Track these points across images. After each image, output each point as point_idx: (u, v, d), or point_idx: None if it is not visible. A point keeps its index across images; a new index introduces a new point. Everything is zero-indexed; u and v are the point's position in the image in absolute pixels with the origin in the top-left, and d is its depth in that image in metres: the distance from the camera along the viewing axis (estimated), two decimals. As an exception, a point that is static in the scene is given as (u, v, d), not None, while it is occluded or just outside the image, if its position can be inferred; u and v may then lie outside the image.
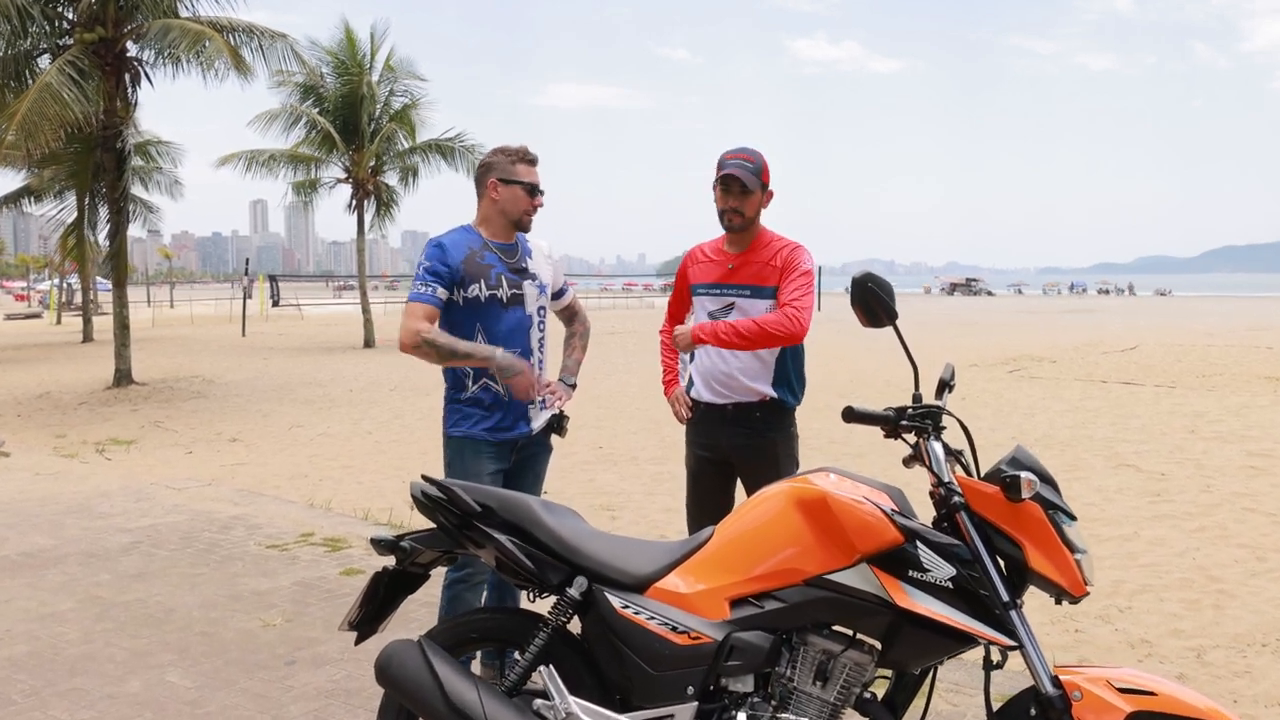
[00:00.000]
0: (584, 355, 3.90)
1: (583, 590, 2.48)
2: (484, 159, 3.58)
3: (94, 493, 7.57)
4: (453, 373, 3.54)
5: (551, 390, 3.63)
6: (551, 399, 3.63)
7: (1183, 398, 13.62)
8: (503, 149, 3.54)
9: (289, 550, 5.88)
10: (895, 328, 2.54)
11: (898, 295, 2.55)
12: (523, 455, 3.59)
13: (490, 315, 3.46)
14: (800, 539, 2.34)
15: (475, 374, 3.47)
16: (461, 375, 3.51)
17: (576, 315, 3.93)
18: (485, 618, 2.71)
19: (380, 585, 2.68)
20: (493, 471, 3.48)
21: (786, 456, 3.65)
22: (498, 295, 3.47)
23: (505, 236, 3.56)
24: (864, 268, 2.48)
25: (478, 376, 3.48)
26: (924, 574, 2.25)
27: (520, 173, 3.51)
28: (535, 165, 3.55)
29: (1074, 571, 2.22)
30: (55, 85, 13.36)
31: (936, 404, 2.44)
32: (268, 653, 4.21)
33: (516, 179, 3.50)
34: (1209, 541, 6.39)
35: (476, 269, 3.46)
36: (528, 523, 2.54)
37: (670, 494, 7.66)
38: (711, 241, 3.80)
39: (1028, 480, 2.19)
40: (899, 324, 2.56)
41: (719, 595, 2.40)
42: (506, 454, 3.53)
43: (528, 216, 3.55)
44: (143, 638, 4.40)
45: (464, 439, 3.48)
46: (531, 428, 3.57)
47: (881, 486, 2.40)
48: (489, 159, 3.55)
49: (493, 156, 3.55)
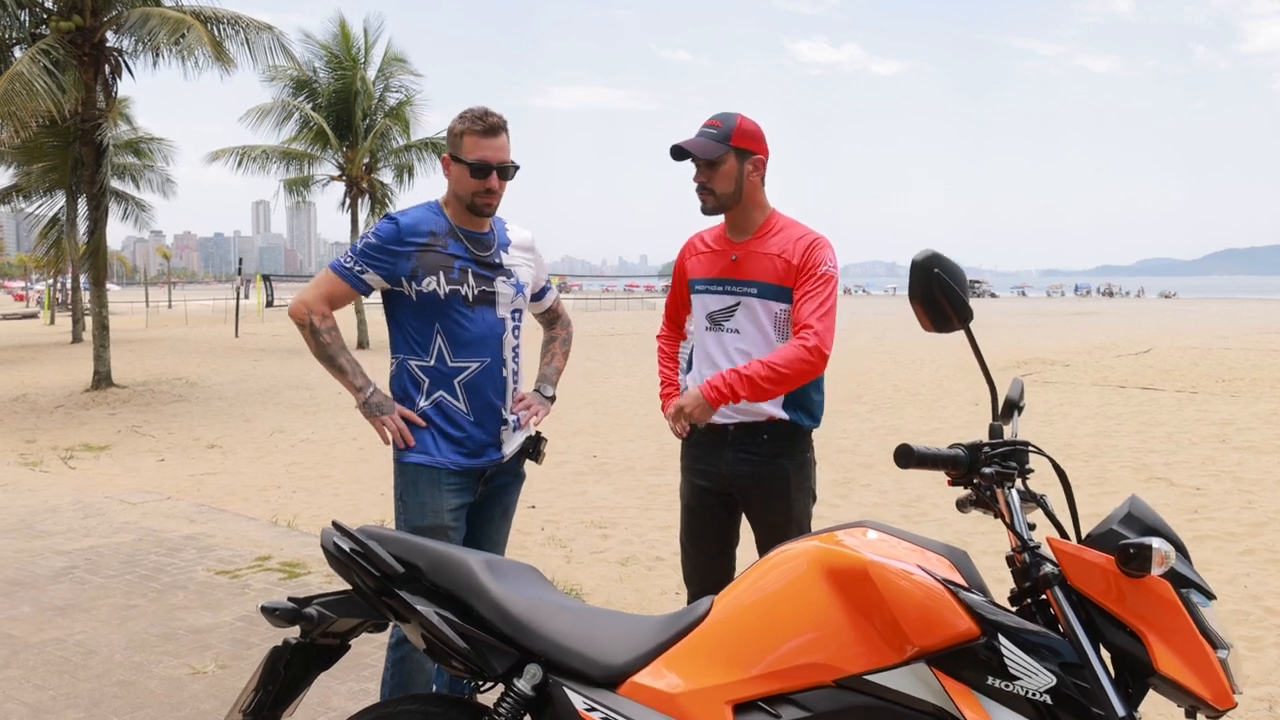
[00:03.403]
0: (565, 363, 3.32)
1: (535, 683, 1.87)
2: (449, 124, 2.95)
3: (41, 507, 6.97)
4: (399, 382, 2.94)
5: (526, 405, 3.04)
6: (526, 416, 3.03)
7: (1206, 403, 13.01)
8: (462, 114, 2.90)
9: (240, 577, 5.27)
10: (968, 332, 1.89)
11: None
12: (490, 486, 2.99)
13: (453, 316, 2.85)
14: (829, 622, 1.72)
15: (432, 380, 2.88)
16: (409, 385, 2.91)
17: (559, 318, 3.34)
18: (413, 709, 2.05)
19: (280, 663, 2.07)
20: (455, 507, 2.88)
21: (799, 487, 3.02)
22: (461, 292, 2.86)
23: (474, 223, 2.94)
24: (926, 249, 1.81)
25: (434, 386, 2.88)
26: (1010, 683, 1.61)
27: (467, 148, 2.85)
28: (495, 135, 2.87)
29: (1218, 676, 1.60)
30: (28, 75, 12.77)
31: (1021, 440, 1.81)
32: (191, 709, 3.60)
33: (461, 156, 2.86)
34: (1260, 566, 5.78)
35: (435, 259, 2.85)
36: (465, 590, 1.93)
37: (668, 508, 7.06)
38: (712, 229, 3.16)
39: (1161, 553, 1.56)
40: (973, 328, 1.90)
41: (718, 697, 1.76)
42: (473, 485, 2.93)
43: (480, 201, 2.89)
44: (49, 689, 3.79)
45: (420, 467, 2.86)
46: (503, 454, 2.96)
47: (941, 549, 1.77)
48: (449, 125, 2.93)
49: (451, 123, 2.92)
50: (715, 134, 2.92)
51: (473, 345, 2.88)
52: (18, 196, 27.66)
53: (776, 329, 2.99)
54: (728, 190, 2.93)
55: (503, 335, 2.95)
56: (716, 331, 3.04)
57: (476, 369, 2.89)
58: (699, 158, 2.90)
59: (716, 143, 2.90)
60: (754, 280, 2.97)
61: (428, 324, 2.86)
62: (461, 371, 2.88)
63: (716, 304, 3.04)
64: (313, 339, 2.90)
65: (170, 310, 51.45)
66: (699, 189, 2.96)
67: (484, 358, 2.89)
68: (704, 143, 2.91)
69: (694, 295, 3.13)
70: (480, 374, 2.90)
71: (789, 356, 2.79)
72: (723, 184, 2.92)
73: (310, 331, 2.89)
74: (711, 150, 2.89)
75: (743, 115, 2.96)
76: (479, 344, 2.89)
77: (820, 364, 2.82)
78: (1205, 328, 33.89)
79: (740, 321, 3.00)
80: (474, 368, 2.89)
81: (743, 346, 2.99)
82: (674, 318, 3.35)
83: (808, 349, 2.79)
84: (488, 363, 2.90)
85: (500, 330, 2.94)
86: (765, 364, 2.78)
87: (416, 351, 2.89)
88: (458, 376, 2.88)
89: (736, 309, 3.00)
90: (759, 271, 2.97)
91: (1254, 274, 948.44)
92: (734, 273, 3.01)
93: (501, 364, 2.94)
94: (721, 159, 2.90)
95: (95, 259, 15.24)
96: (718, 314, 3.04)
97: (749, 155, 2.93)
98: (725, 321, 3.03)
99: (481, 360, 2.89)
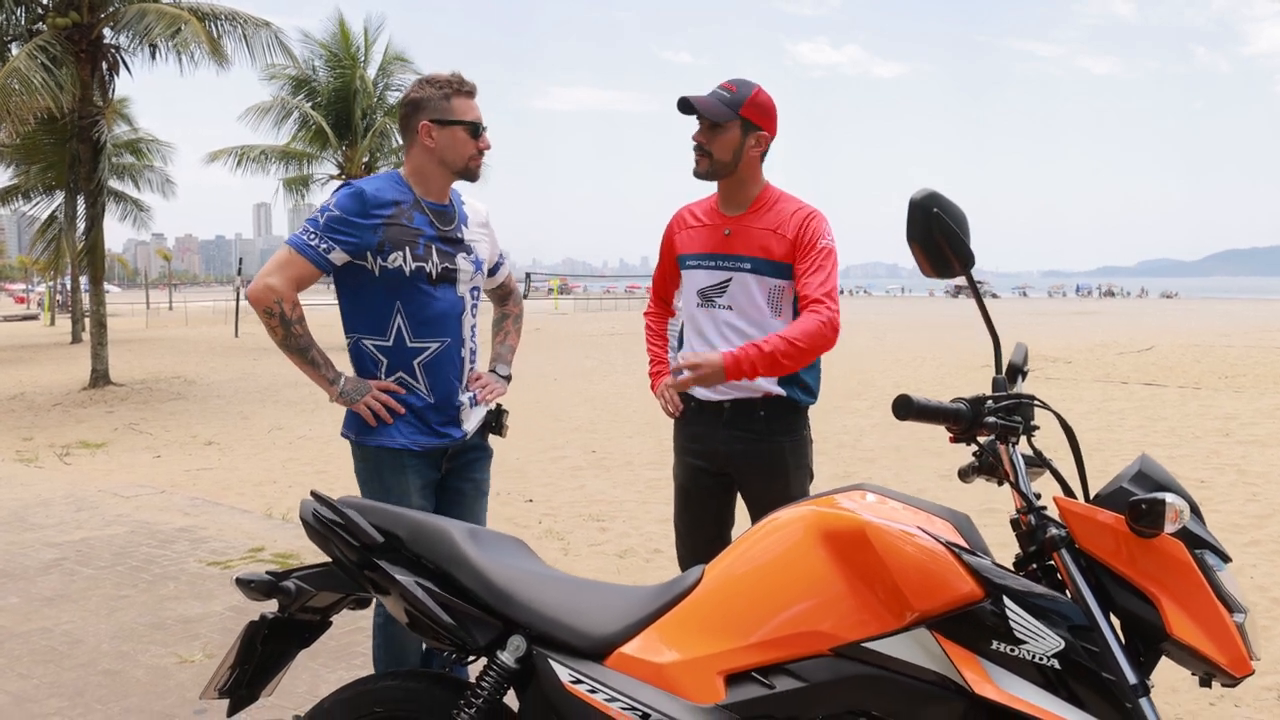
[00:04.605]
0: (518, 340, 3.22)
1: (519, 655, 1.80)
2: (408, 95, 2.83)
3: (34, 501, 6.90)
4: (358, 361, 2.83)
5: (483, 384, 2.94)
6: (483, 394, 2.93)
7: (1210, 399, 12.93)
8: (430, 79, 2.80)
9: (232, 568, 5.20)
10: (969, 278, 1.80)
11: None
12: (456, 464, 2.89)
13: (413, 295, 2.73)
14: (826, 588, 1.63)
15: (391, 361, 2.77)
16: (369, 362, 2.79)
17: (511, 294, 3.22)
18: (393, 685, 1.98)
19: (257, 638, 1.99)
20: (420, 486, 2.78)
21: (797, 465, 2.95)
22: (425, 269, 2.73)
23: (440, 195, 2.84)
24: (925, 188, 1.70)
25: (392, 366, 2.77)
26: (1015, 647, 1.52)
27: (458, 109, 2.76)
28: (474, 96, 2.81)
29: (1235, 641, 1.52)
30: (25, 72, 12.72)
31: (1026, 394, 1.73)
32: (176, 697, 3.53)
33: (454, 118, 2.76)
34: (1266, 557, 5.71)
35: (401, 233, 2.73)
36: (447, 559, 1.86)
37: (666, 502, 6.99)
38: (702, 201, 3.07)
39: (1175, 508, 1.49)
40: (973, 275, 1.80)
41: (709, 668, 1.69)
42: (436, 464, 2.83)
43: (474, 163, 2.81)
44: (33, 678, 3.72)
45: (382, 450, 2.75)
46: (465, 430, 2.86)
47: (942, 512, 1.69)
48: (414, 94, 2.80)
49: (419, 90, 2.80)
50: (727, 97, 2.83)
51: (433, 324, 2.77)
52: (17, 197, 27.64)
53: (771, 304, 2.91)
54: (725, 158, 2.85)
55: (462, 314, 2.84)
56: (708, 308, 2.96)
57: (437, 349, 2.79)
58: (703, 116, 2.83)
59: (725, 106, 2.82)
60: (748, 255, 2.89)
61: (387, 301, 2.74)
62: (421, 352, 2.77)
63: (708, 279, 2.95)
64: (282, 329, 2.69)
65: (170, 312, 51.43)
66: (696, 148, 2.87)
67: (444, 338, 2.79)
68: (713, 103, 2.82)
69: (684, 270, 3.04)
70: (440, 354, 2.79)
71: (808, 330, 2.71)
72: (721, 150, 2.84)
73: (279, 321, 2.68)
74: (718, 113, 2.81)
75: (761, 88, 2.88)
76: (439, 323, 2.78)
77: (834, 338, 2.76)
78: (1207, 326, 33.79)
79: (733, 297, 2.91)
80: (434, 348, 2.78)
81: (735, 322, 2.91)
82: (662, 293, 3.26)
83: (823, 322, 2.72)
84: (448, 343, 2.80)
85: (460, 309, 2.83)
86: (785, 339, 2.69)
87: (374, 330, 2.77)
88: (417, 357, 2.77)
89: (729, 284, 2.92)
90: (753, 246, 2.88)
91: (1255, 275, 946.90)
92: (727, 247, 2.92)
93: (460, 343, 2.84)
94: (726, 124, 2.82)
95: (93, 256, 15.18)
96: (709, 290, 2.95)
97: (755, 129, 2.85)
98: (717, 297, 2.94)
99: (442, 340, 2.78)
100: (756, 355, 2.67)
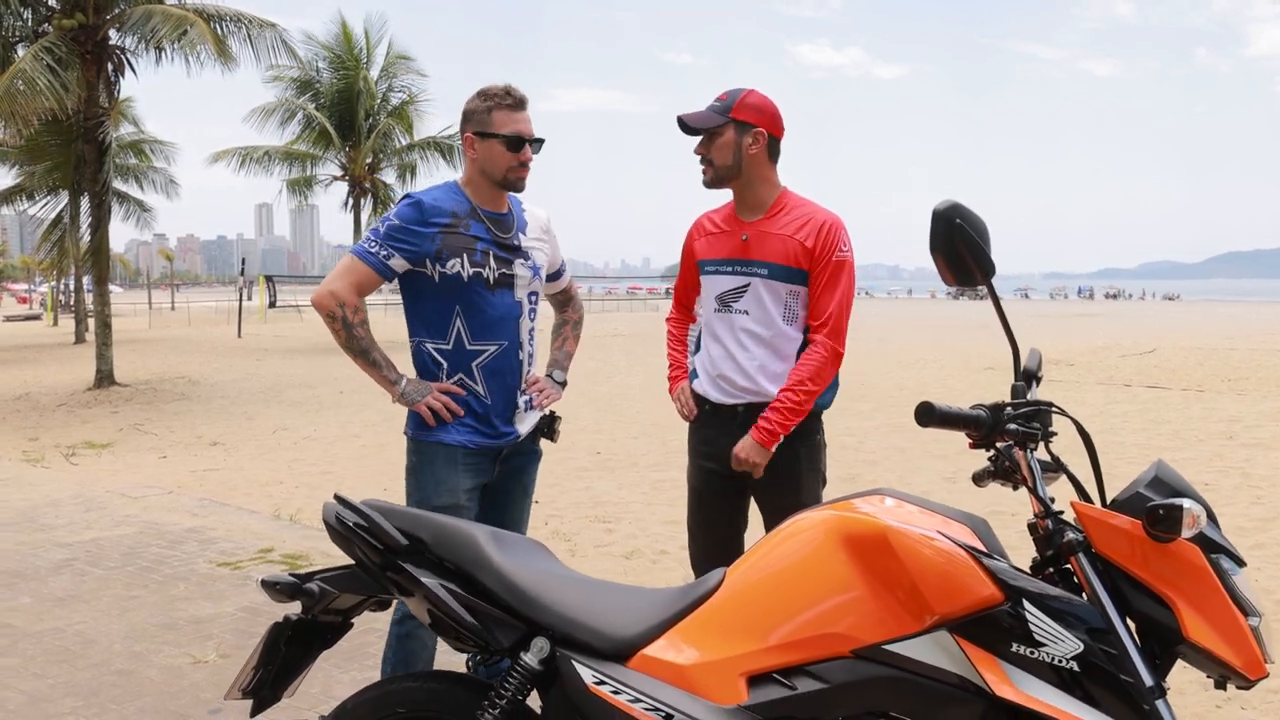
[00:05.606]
0: (576, 347, 3.29)
1: (543, 657, 1.82)
2: (465, 105, 2.91)
3: (43, 501, 6.93)
4: (419, 364, 2.92)
5: (539, 388, 3.01)
6: (539, 399, 3.00)
7: (1213, 402, 12.94)
8: (482, 92, 2.87)
9: (242, 568, 5.23)
10: (990, 287, 1.83)
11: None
12: (508, 466, 2.96)
13: (473, 299, 2.82)
14: (847, 591, 1.66)
15: (450, 363, 2.85)
16: (430, 364, 2.89)
17: (571, 300, 3.31)
18: (415, 686, 2.01)
19: (281, 639, 2.02)
20: (470, 487, 2.85)
21: (810, 470, 2.98)
22: (483, 275, 2.82)
23: (495, 204, 2.91)
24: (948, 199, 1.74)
25: (452, 369, 2.85)
26: (1035, 650, 1.56)
27: (498, 122, 2.82)
28: (523, 109, 2.86)
29: (1250, 644, 1.54)
30: (31, 73, 12.75)
31: (1045, 400, 1.76)
32: (191, 697, 3.56)
33: (493, 130, 2.83)
34: (1270, 560, 5.72)
35: (459, 240, 2.81)
36: (471, 562, 1.88)
37: (672, 503, 7.02)
38: (721, 209, 3.12)
39: (1192, 514, 1.51)
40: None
41: (731, 669, 1.72)
42: (489, 465, 2.90)
43: (514, 175, 2.87)
44: (48, 678, 3.74)
45: (436, 445, 2.83)
46: (518, 432, 2.93)
47: (960, 516, 1.72)
48: (467, 106, 2.89)
49: (469, 102, 2.88)
50: (718, 106, 2.92)
51: (491, 328, 2.86)
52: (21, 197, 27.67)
53: (785, 310, 2.95)
54: (726, 162, 2.91)
55: (520, 318, 2.92)
56: (725, 313, 3.00)
57: (495, 352, 2.87)
58: (699, 129, 2.91)
59: (716, 114, 2.90)
60: (764, 261, 2.92)
61: (447, 306, 2.83)
62: (480, 354, 2.86)
63: (726, 285, 2.99)
64: (345, 332, 2.81)
65: (173, 312, 51.49)
66: (700, 160, 2.96)
67: (502, 340, 2.87)
68: (705, 115, 2.92)
69: (703, 276, 3.08)
70: (498, 357, 2.88)
71: (815, 370, 2.89)
72: (720, 155, 2.91)
73: (342, 324, 2.80)
74: (708, 121, 2.90)
75: (753, 90, 2.94)
76: (497, 327, 2.87)
77: (839, 362, 2.94)
78: (1210, 329, 33.79)
79: (749, 303, 2.95)
80: (492, 350, 2.87)
81: (751, 328, 2.95)
82: (683, 300, 3.31)
83: (824, 357, 2.90)
84: (505, 346, 2.88)
85: (518, 313, 2.92)
86: (797, 389, 2.86)
87: (434, 334, 2.86)
88: (476, 359, 2.86)
89: (746, 290, 2.96)
90: (770, 252, 2.92)
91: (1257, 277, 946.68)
92: (744, 253, 2.96)
93: (518, 347, 2.92)
94: (719, 130, 2.89)
95: (98, 257, 15.22)
96: (727, 295, 3.00)
97: (749, 128, 2.90)
98: (734, 303, 2.98)
99: (499, 343, 2.87)
100: (780, 416, 2.85)
